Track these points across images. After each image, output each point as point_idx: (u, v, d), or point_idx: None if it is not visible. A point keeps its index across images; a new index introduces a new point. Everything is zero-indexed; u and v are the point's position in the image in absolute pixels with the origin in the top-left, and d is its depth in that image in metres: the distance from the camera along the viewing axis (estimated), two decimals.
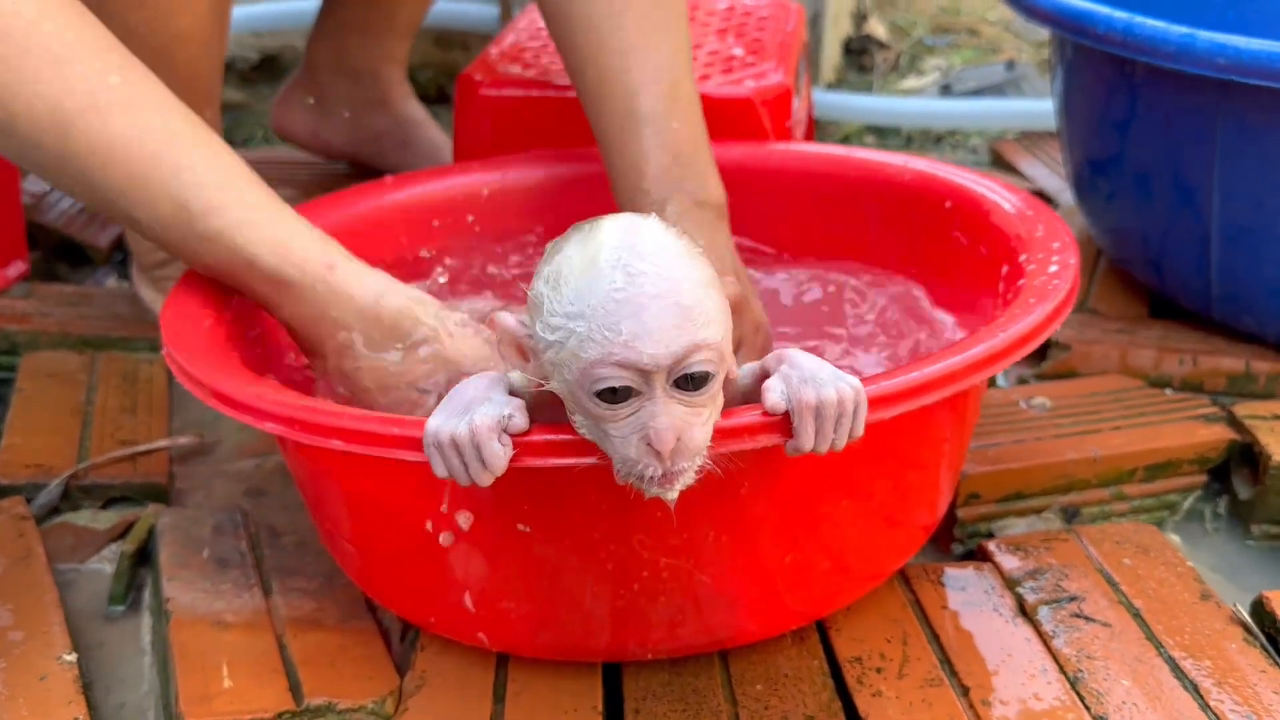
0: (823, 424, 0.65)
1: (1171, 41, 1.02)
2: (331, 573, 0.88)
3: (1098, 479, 0.97)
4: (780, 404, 0.66)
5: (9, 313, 1.21)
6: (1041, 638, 0.82)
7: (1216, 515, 1.00)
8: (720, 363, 0.63)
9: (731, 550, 0.74)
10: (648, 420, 0.61)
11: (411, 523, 0.75)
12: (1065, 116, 1.24)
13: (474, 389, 0.67)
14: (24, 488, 0.99)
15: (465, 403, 0.66)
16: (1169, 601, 0.84)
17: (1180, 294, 1.17)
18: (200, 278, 0.87)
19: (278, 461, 1.04)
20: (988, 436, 0.99)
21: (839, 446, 0.66)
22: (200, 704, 0.76)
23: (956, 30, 2.11)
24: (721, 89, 1.13)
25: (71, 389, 1.11)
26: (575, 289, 0.61)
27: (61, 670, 0.79)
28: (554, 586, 0.74)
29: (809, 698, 0.77)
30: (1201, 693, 0.77)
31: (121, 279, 1.33)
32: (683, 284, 0.61)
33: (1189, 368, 1.11)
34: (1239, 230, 1.09)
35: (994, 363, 0.73)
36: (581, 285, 0.61)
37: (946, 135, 1.73)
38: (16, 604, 0.85)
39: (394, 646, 0.83)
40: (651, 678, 0.79)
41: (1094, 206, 1.24)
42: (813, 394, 0.65)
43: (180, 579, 0.88)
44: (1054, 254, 0.83)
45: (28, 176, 1.42)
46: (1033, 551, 0.89)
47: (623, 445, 0.62)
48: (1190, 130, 1.07)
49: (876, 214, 1.03)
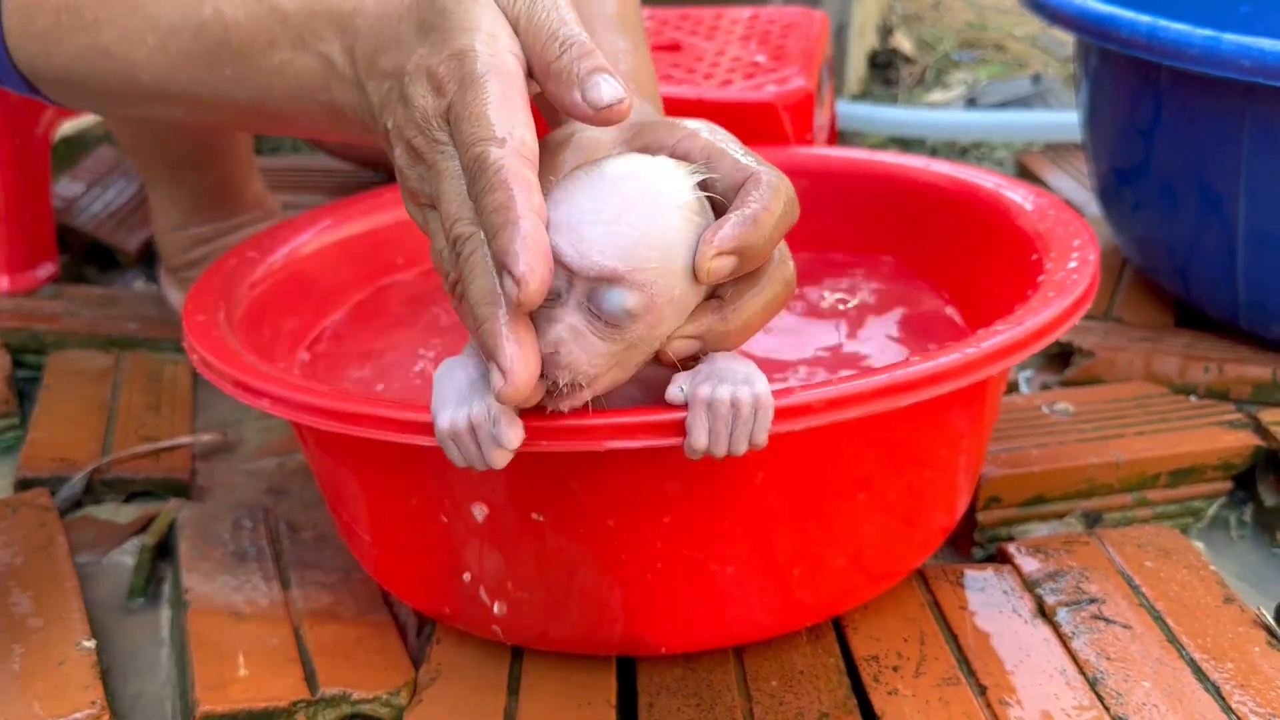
0: (715, 424, 0.64)
1: (1196, 45, 1.01)
2: (349, 567, 0.89)
3: (1120, 484, 0.96)
4: (678, 396, 0.65)
5: (39, 313, 1.22)
6: (1061, 639, 0.81)
7: (1242, 523, 0.99)
8: (645, 315, 0.61)
9: (746, 543, 0.73)
10: (540, 322, 0.61)
11: (426, 514, 0.75)
12: (1090, 126, 1.24)
13: (466, 371, 0.66)
14: (48, 481, 1.00)
15: (465, 388, 0.65)
16: (1191, 604, 0.83)
17: (1206, 302, 1.16)
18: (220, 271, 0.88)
19: (299, 461, 1.04)
20: (1009, 440, 0.98)
21: (737, 451, 0.64)
22: (216, 691, 0.76)
23: (983, 45, 2.10)
24: (744, 93, 1.13)
25: (97, 387, 1.12)
26: (565, 190, 0.62)
27: (80, 656, 0.80)
28: (568, 578, 0.74)
29: (824, 695, 0.77)
30: (1224, 695, 0.76)
31: (149, 282, 1.34)
32: (653, 222, 0.61)
33: (1214, 375, 1.10)
34: (1266, 237, 1.08)
35: (1011, 354, 0.72)
36: (571, 189, 0.62)
37: (972, 147, 1.73)
38: (37, 592, 0.86)
39: (410, 640, 0.83)
40: (666, 672, 0.78)
41: (1120, 216, 1.23)
42: (708, 391, 0.64)
43: (199, 571, 0.88)
44: (1074, 250, 0.83)
45: (59, 180, 1.44)
46: (1053, 554, 0.88)
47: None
48: (1216, 135, 1.07)
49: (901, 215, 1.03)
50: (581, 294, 0.61)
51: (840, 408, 0.67)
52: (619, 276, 0.61)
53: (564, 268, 0.61)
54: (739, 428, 0.64)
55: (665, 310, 0.63)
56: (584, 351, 0.61)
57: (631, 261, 0.61)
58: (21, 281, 1.27)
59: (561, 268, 0.61)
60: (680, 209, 0.63)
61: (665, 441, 0.65)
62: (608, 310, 0.61)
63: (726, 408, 0.64)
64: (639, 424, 0.65)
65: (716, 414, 0.64)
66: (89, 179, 1.49)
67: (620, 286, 0.61)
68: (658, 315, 0.62)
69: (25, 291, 1.27)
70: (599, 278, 0.61)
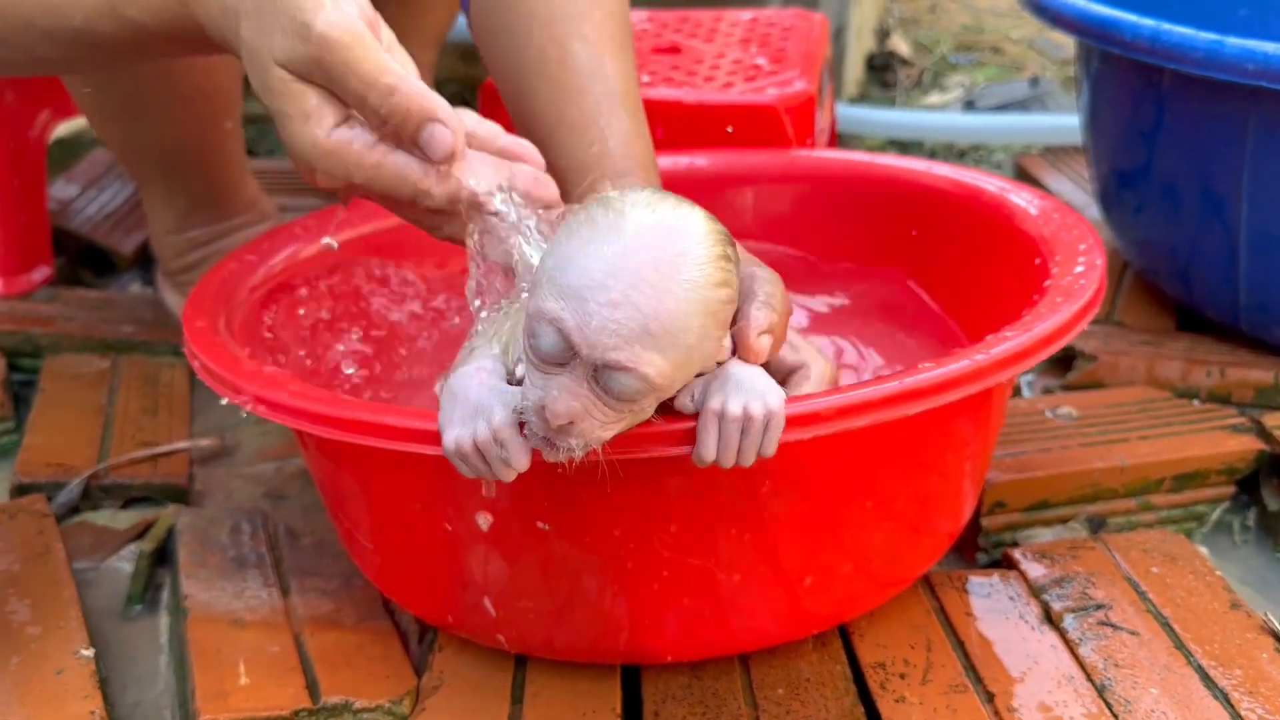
0: (726, 435, 0.63)
1: (1199, 48, 1.01)
2: (350, 574, 0.88)
3: (1125, 488, 0.96)
4: (689, 406, 0.64)
5: (34, 316, 1.21)
6: (1068, 645, 0.80)
7: (1245, 527, 0.99)
8: (649, 394, 0.61)
9: (752, 551, 0.73)
10: (552, 391, 0.60)
11: (430, 521, 0.75)
12: (1092, 129, 1.23)
13: (477, 385, 0.65)
14: (44, 486, 0.99)
15: (474, 403, 0.64)
16: (1198, 610, 0.83)
17: (1208, 306, 1.16)
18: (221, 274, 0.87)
19: (298, 465, 1.03)
20: (1013, 445, 0.98)
21: (745, 462, 0.64)
22: (216, 700, 0.76)
23: (980, 48, 2.10)
24: (745, 96, 1.13)
25: (93, 391, 1.11)
26: (581, 237, 0.60)
27: (79, 665, 0.79)
28: (573, 586, 0.74)
29: (831, 703, 0.76)
30: (1232, 702, 0.75)
31: (145, 285, 1.33)
32: (665, 302, 0.59)
33: (1216, 379, 1.09)
34: (1268, 240, 1.07)
35: (1020, 361, 0.72)
36: (587, 236, 0.60)
37: (970, 150, 1.73)
38: (35, 599, 0.85)
39: (411, 648, 0.83)
40: (671, 680, 0.78)
41: (1121, 219, 1.23)
42: (719, 403, 0.63)
43: (198, 578, 0.88)
44: (1080, 255, 0.82)
45: (54, 183, 1.43)
46: (1059, 559, 0.88)
47: (531, 394, 0.61)
48: (1218, 138, 1.06)
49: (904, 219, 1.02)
50: (589, 369, 0.60)
51: (850, 416, 0.66)
52: (625, 367, 0.59)
53: (569, 343, 0.60)
54: (748, 440, 0.63)
55: (676, 379, 0.62)
56: (596, 420, 0.61)
57: (637, 350, 0.59)
58: (16, 284, 1.26)
59: (565, 343, 0.60)
60: (698, 273, 0.60)
61: (673, 450, 0.65)
62: (616, 392, 0.60)
63: (738, 420, 0.63)
64: (647, 433, 0.65)
65: (727, 426, 0.63)
66: (84, 181, 1.48)
67: (628, 375, 0.60)
68: (667, 389, 0.62)
69: (20, 295, 1.26)
70: (604, 365, 0.60)
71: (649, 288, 0.59)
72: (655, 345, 0.59)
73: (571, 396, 0.60)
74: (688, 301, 0.60)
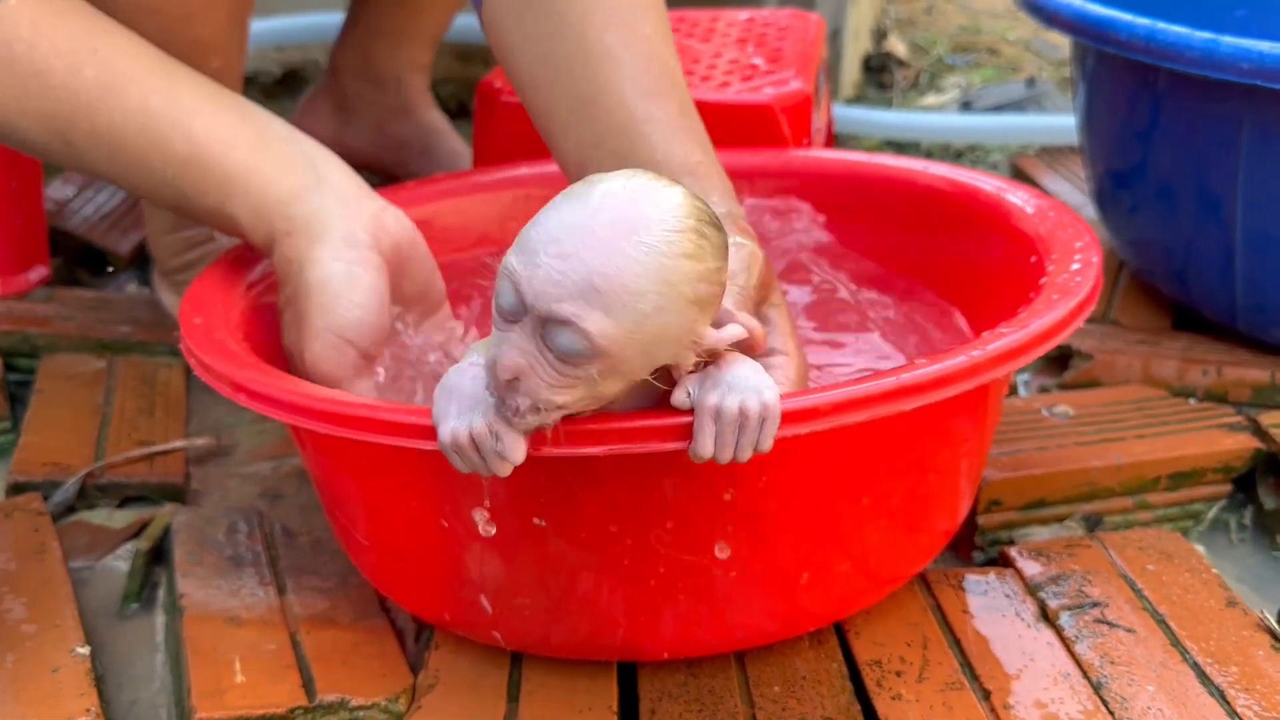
0: (723, 430, 0.63)
1: (1195, 47, 1.01)
2: (346, 572, 0.88)
3: (1121, 487, 0.96)
4: (684, 401, 0.64)
5: (30, 316, 1.21)
6: (1064, 643, 0.80)
7: (1242, 526, 0.99)
8: (596, 359, 0.59)
9: (749, 548, 0.73)
10: (503, 346, 0.60)
11: (426, 518, 0.75)
12: (1087, 129, 1.23)
13: (471, 379, 0.65)
14: (41, 485, 0.99)
15: (469, 397, 0.64)
16: (1194, 607, 0.83)
17: (1204, 305, 1.16)
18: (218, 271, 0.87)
19: (294, 464, 1.03)
20: (1009, 443, 0.98)
21: (741, 458, 0.64)
22: (212, 698, 0.75)
23: (977, 49, 2.11)
24: (741, 96, 1.13)
25: (90, 390, 1.11)
26: (555, 203, 0.61)
27: (74, 663, 0.79)
28: (570, 583, 0.74)
29: (827, 700, 0.76)
30: (1228, 699, 0.75)
31: (142, 285, 1.33)
32: (614, 260, 0.58)
33: (1213, 379, 1.10)
34: (1264, 239, 1.08)
35: (1016, 357, 0.72)
36: (559, 202, 0.60)
37: (966, 150, 1.73)
38: (30, 598, 0.85)
39: (408, 646, 0.83)
40: (668, 678, 0.78)
41: (1117, 219, 1.23)
42: (716, 399, 0.63)
43: (194, 576, 0.87)
44: (1076, 253, 0.83)
45: (50, 183, 1.43)
46: (1055, 557, 0.88)
47: (491, 352, 0.61)
48: (1214, 138, 1.06)
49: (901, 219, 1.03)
50: (536, 323, 0.60)
51: (846, 411, 0.66)
52: (565, 319, 0.58)
53: (519, 297, 0.59)
54: (745, 436, 0.63)
55: (627, 352, 0.60)
56: (543, 380, 0.60)
57: (581, 304, 0.58)
58: (13, 284, 1.26)
59: (517, 296, 0.59)
60: (657, 238, 0.59)
61: (669, 446, 0.65)
62: (558, 349, 0.59)
63: (734, 416, 0.63)
64: (643, 428, 0.65)
65: (724, 422, 0.63)
66: (81, 181, 1.47)
67: (569, 330, 0.59)
68: (617, 358, 0.60)
69: (17, 295, 1.26)
70: (546, 317, 0.59)
71: (599, 243, 0.58)
72: (600, 303, 0.58)
73: (518, 352, 0.59)
74: (641, 264, 0.59)
